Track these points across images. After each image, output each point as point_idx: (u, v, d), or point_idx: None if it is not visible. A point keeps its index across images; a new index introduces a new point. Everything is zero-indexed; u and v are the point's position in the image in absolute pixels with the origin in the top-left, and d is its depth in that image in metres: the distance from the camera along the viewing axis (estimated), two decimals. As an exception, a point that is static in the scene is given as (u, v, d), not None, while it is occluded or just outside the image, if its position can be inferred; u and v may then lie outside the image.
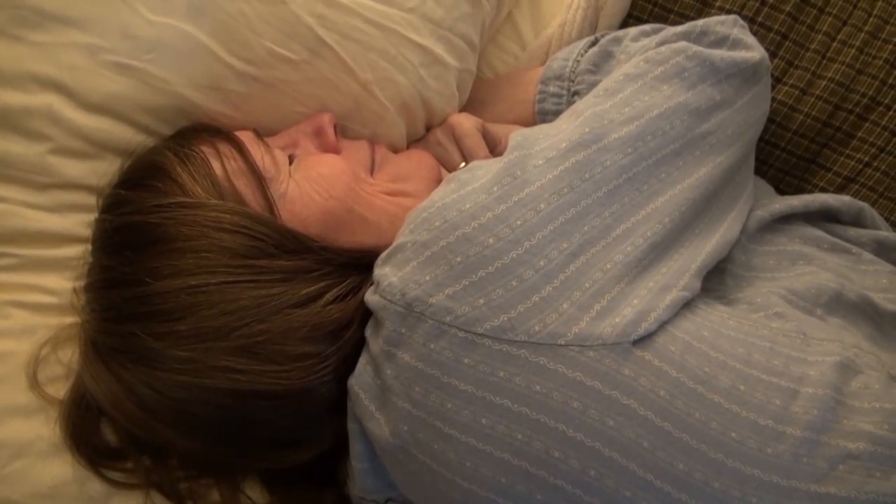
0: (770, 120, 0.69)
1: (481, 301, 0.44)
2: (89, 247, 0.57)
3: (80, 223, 0.59)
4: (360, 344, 0.51)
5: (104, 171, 0.58)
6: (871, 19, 0.71)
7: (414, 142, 0.68)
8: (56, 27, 0.56)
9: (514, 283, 0.44)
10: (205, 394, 0.50)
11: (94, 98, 0.57)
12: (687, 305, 0.49)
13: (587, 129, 0.51)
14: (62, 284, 0.58)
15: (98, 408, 0.54)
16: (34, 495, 0.54)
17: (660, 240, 0.50)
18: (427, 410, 0.46)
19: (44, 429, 0.55)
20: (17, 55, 0.56)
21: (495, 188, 0.47)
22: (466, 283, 0.45)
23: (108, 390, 0.52)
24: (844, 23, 0.72)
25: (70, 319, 0.58)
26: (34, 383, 0.56)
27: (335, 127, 0.60)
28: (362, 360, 0.50)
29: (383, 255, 0.49)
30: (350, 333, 0.51)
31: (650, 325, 0.45)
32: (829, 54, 0.72)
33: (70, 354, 0.57)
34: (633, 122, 0.52)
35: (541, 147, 0.50)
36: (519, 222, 0.46)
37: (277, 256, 0.50)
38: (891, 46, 0.71)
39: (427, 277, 0.45)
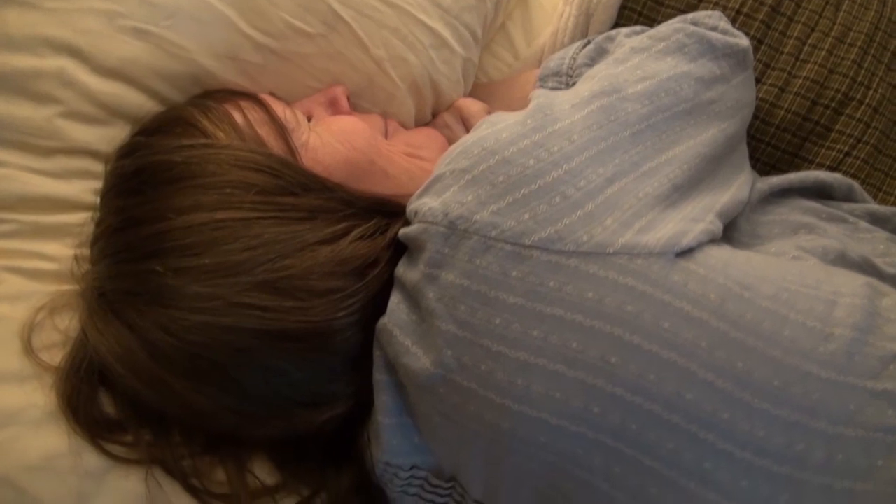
0: (754, 116, 0.73)
1: (526, 216, 0.44)
2: (96, 209, 0.55)
3: (86, 190, 0.57)
4: (386, 287, 0.49)
5: (114, 137, 0.57)
6: (835, 26, 0.78)
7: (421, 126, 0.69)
8: (73, -3, 0.57)
9: (557, 199, 0.45)
10: (224, 334, 0.47)
11: (108, 62, 0.56)
12: (713, 242, 0.50)
13: (606, 84, 0.53)
14: (63, 251, 0.56)
15: (101, 369, 0.51)
16: (24, 468, 0.49)
17: (681, 182, 0.51)
18: (473, 330, 0.44)
19: (37, 396, 0.51)
20: (30, 21, 0.56)
21: (529, 121, 0.48)
22: (510, 199, 0.45)
23: (116, 342, 0.49)
24: (812, 29, 0.78)
25: (69, 287, 0.55)
26: (28, 349, 0.52)
27: (348, 99, 0.61)
28: (394, 299, 0.49)
29: (418, 191, 0.49)
30: (377, 272, 0.49)
31: (690, 242, 0.46)
32: (801, 56, 0.77)
33: (68, 321, 0.54)
34: (647, 81, 0.55)
35: (564, 97, 0.52)
36: (556, 148, 0.47)
37: (302, 195, 0.50)
38: (856, 49, 0.77)
39: (470, 197, 0.45)
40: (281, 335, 0.48)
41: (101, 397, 0.53)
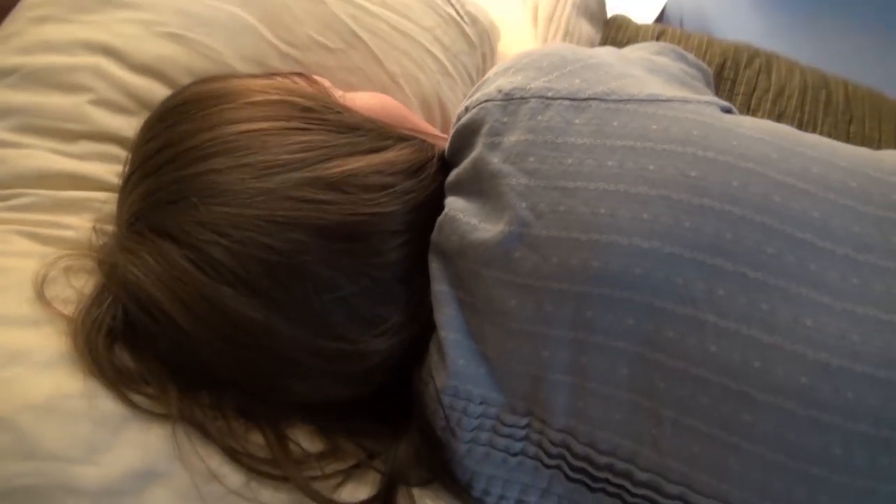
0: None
1: (577, 81, 0.47)
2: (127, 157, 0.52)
3: (109, 172, 0.56)
4: (435, 205, 0.49)
5: (141, 127, 0.57)
6: (772, 86, 0.90)
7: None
8: (111, 10, 0.61)
9: (603, 71, 0.48)
10: (277, 229, 0.44)
11: (143, 59, 0.59)
12: None
13: (615, 52, 0.59)
14: (81, 223, 0.53)
15: (128, 311, 0.45)
16: (25, 406, 0.41)
17: None
18: (546, 175, 0.43)
19: (49, 341, 0.45)
20: (68, 30, 0.59)
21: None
22: (558, 73, 0.47)
23: (154, 261, 0.44)
24: (754, 89, 0.90)
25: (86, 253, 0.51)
26: (41, 296, 0.46)
27: None
28: (450, 198, 0.48)
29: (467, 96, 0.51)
30: (426, 175, 0.49)
31: (728, 106, 0.48)
32: (752, 106, 0.88)
33: (83, 282, 0.49)
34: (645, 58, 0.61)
35: None
36: (589, 53, 0.51)
37: (345, 115, 0.51)
38: (794, 99, 0.88)
39: (519, 77, 0.48)
40: (334, 231, 0.45)
41: (121, 351, 0.46)
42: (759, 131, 0.45)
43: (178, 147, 0.47)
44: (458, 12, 0.74)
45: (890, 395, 0.38)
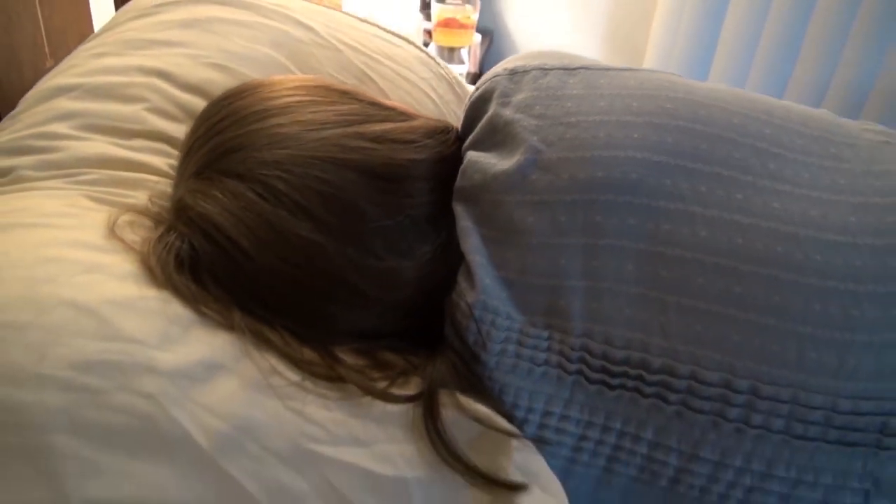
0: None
1: (566, 60, 0.59)
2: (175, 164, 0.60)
3: (163, 163, 0.63)
4: (457, 158, 0.58)
5: (189, 133, 0.66)
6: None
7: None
8: (161, 47, 0.72)
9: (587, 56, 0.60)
10: (329, 167, 0.51)
11: (191, 80, 0.69)
12: None
13: None
14: (138, 196, 0.59)
15: (194, 242, 0.51)
16: (107, 301, 0.45)
17: None
18: (551, 117, 0.53)
19: (124, 264, 0.50)
20: (125, 59, 0.69)
21: None
22: (549, 58, 0.59)
23: (221, 195, 0.51)
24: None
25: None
26: (113, 233, 0.52)
27: None
28: (469, 153, 0.57)
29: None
30: (449, 138, 0.59)
31: None
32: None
33: (146, 234, 0.55)
34: None
35: None
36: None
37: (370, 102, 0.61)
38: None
39: (519, 63, 0.59)
40: (376, 173, 0.53)
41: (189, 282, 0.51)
42: (715, 87, 0.57)
43: (238, 114, 0.55)
44: (447, 73, 0.88)
45: (850, 254, 0.47)
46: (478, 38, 1.52)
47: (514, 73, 0.58)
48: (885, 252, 0.48)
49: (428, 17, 1.54)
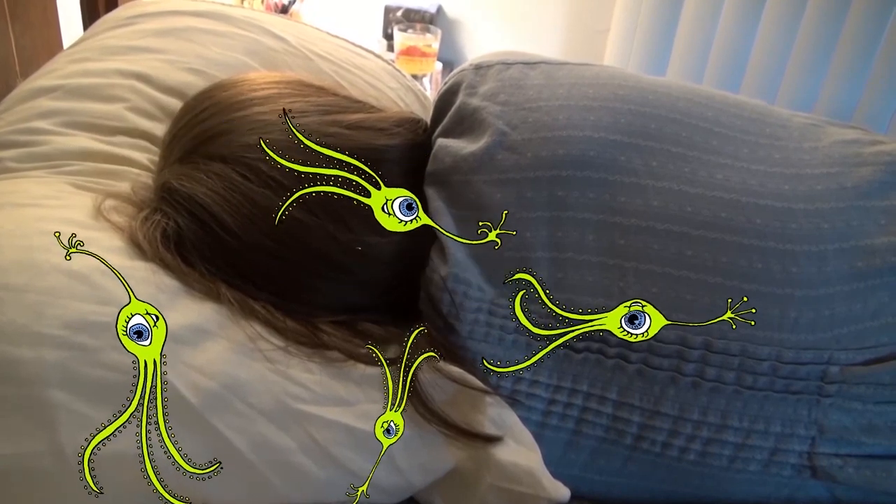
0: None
1: (527, 56, 0.63)
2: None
3: (144, 158, 0.65)
4: (427, 148, 0.62)
5: (168, 132, 0.69)
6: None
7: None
8: (140, 53, 0.74)
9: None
10: (313, 151, 0.55)
11: (170, 83, 0.72)
12: None
13: None
14: (121, 187, 0.61)
15: (179, 220, 0.54)
16: (98, 269, 0.48)
17: None
18: (514, 104, 0.58)
19: (113, 240, 0.52)
20: (105, 64, 0.72)
21: None
22: (510, 54, 0.64)
23: (206, 176, 0.53)
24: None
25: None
26: (100, 213, 0.54)
27: None
28: (438, 142, 0.60)
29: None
30: (419, 127, 0.63)
31: None
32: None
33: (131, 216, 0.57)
34: None
35: None
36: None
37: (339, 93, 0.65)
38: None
39: (483, 59, 0.64)
40: (351, 155, 0.56)
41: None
42: (660, 78, 0.63)
43: (222, 104, 0.58)
44: (413, 85, 0.92)
45: (786, 218, 0.52)
46: (439, 66, 1.58)
47: (479, 68, 0.63)
48: (816, 215, 0.53)
49: (390, 47, 1.60)
